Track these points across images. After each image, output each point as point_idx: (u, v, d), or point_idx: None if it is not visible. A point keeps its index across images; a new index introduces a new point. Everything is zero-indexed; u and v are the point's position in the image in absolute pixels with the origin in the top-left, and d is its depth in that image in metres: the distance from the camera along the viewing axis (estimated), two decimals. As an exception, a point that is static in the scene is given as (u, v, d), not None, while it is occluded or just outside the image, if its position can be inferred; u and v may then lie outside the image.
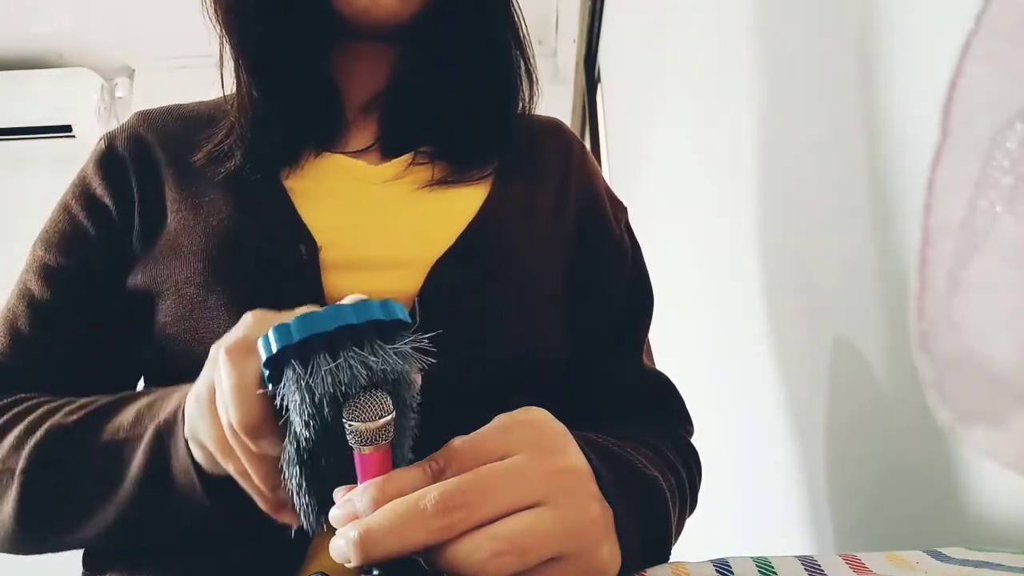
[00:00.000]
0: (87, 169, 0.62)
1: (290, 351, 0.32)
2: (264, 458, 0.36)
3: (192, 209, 0.56)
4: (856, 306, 0.58)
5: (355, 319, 0.32)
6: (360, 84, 0.65)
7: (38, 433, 0.48)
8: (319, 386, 0.32)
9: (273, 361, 0.33)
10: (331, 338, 0.32)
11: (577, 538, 0.35)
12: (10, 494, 0.47)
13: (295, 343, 0.32)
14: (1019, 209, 0.23)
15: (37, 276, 0.58)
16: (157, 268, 0.55)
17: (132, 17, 2.44)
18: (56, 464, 0.47)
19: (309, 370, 0.32)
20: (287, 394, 0.32)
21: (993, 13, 0.23)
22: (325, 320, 0.32)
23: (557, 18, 2.51)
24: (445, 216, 0.58)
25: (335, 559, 0.33)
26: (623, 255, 0.67)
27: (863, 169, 0.56)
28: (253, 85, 0.60)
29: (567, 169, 0.67)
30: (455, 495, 0.33)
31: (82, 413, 0.48)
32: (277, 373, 0.33)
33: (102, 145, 0.63)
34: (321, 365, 0.32)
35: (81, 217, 0.59)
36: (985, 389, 0.23)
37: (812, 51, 0.65)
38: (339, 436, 0.33)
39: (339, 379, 0.32)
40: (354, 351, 0.32)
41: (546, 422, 0.39)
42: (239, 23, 0.60)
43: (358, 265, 0.54)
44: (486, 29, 0.63)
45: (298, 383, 0.32)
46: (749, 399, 0.88)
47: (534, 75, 0.67)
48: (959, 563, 0.34)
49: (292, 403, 0.32)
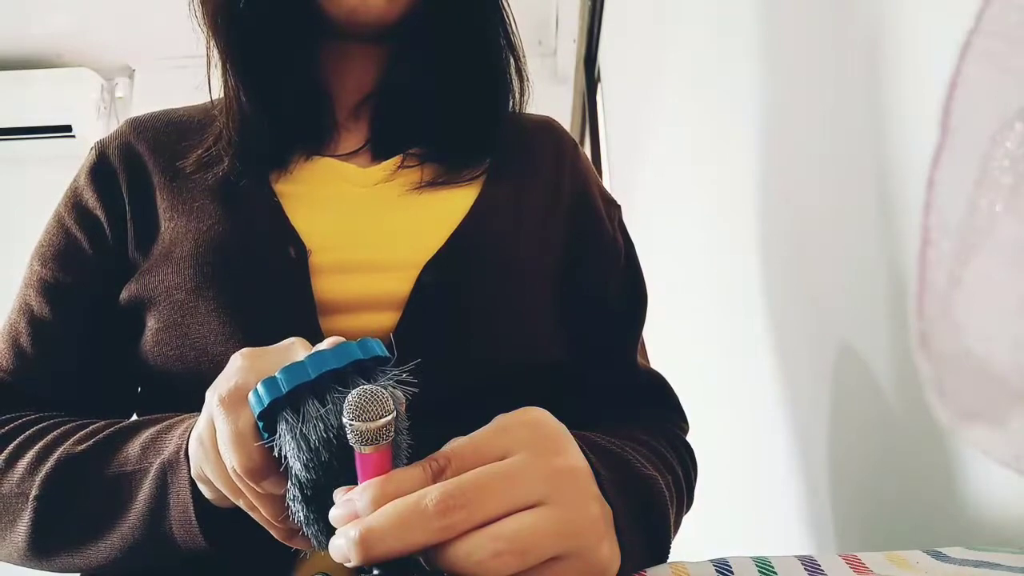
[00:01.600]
0: (79, 180, 0.62)
1: (280, 403, 0.34)
2: (271, 496, 0.38)
3: (183, 215, 0.56)
4: (856, 306, 0.58)
5: (336, 363, 0.35)
6: (350, 86, 0.65)
7: (50, 460, 0.49)
8: (312, 432, 0.34)
9: (265, 413, 0.35)
10: (316, 384, 0.34)
11: (577, 538, 0.35)
12: (24, 518, 0.48)
13: (284, 395, 0.34)
14: (1019, 209, 0.23)
15: (36, 292, 0.59)
16: (149, 276, 0.55)
17: (132, 17, 2.44)
18: (67, 493, 0.48)
19: (301, 418, 0.34)
20: (283, 444, 0.34)
21: (993, 13, 0.23)
22: (309, 368, 0.34)
23: (557, 18, 2.51)
24: (435, 218, 0.58)
25: (334, 559, 0.33)
26: (616, 253, 0.67)
27: (863, 168, 0.56)
28: (240, 89, 0.60)
29: (558, 168, 0.67)
30: (456, 495, 0.33)
31: (91, 442, 0.49)
32: (271, 422, 0.35)
33: (93, 155, 0.62)
34: (311, 412, 0.34)
35: (75, 230, 0.59)
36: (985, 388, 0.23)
37: (812, 51, 0.65)
38: (339, 470, 0.35)
39: (330, 423, 0.34)
40: (338, 391, 0.34)
41: (546, 422, 0.39)
42: (225, 26, 0.60)
43: (348, 268, 0.54)
44: (475, 28, 0.63)
45: (292, 432, 0.34)
46: (749, 399, 0.88)
47: (524, 73, 0.67)
48: (959, 563, 0.34)
49: (289, 451, 0.34)
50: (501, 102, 0.66)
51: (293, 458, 0.34)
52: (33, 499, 0.48)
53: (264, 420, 0.35)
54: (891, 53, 0.51)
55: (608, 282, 0.65)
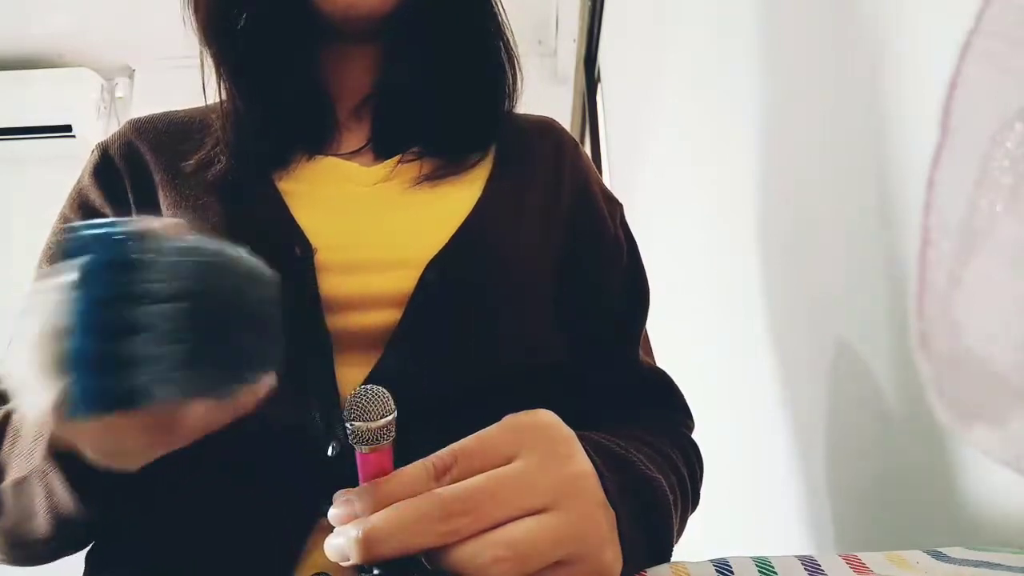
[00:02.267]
0: (83, 180, 0.62)
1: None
2: None
3: (186, 214, 0.57)
4: (856, 306, 0.58)
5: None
6: (349, 87, 0.65)
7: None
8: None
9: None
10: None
11: (581, 543, 0.35)
12: None
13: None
14: (1019, 209, 0.23)
15: None
16: None
17: (132, 17, 2.44)
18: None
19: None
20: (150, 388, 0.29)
21: (993, 13, 0.23)
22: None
23: (557, 18, 2.51)
24: (438, 216, 0.58)
25: (331, 557, 0.33)
26: (618, 252, 0.67)
27: (863, 168, 0.56)
28: (238, 94, 0.60)
29: (559, 167, 0.67)
30: (463, 500, 0.33)
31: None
32: None
33: (96, 155, 0.63)
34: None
35: None
36: (985, 388, 0.23)
37: (812, 51, 0.65)
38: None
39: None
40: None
41: (554, 425, 0.39)
42: (218, 37, 0.60)
43: (352, 266, 0.54)
44: (466, 20, 0.64)
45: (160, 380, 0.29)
46: (749, 399, 0.88)
47: (516, 62, 0.67)
48: (959, 563, 0.34)
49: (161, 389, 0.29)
50: (497, 93, 0.66)
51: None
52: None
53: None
54: (891, 53, 0.51)
55: (610, 280, 0.65)
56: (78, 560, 0.55)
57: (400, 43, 0.64)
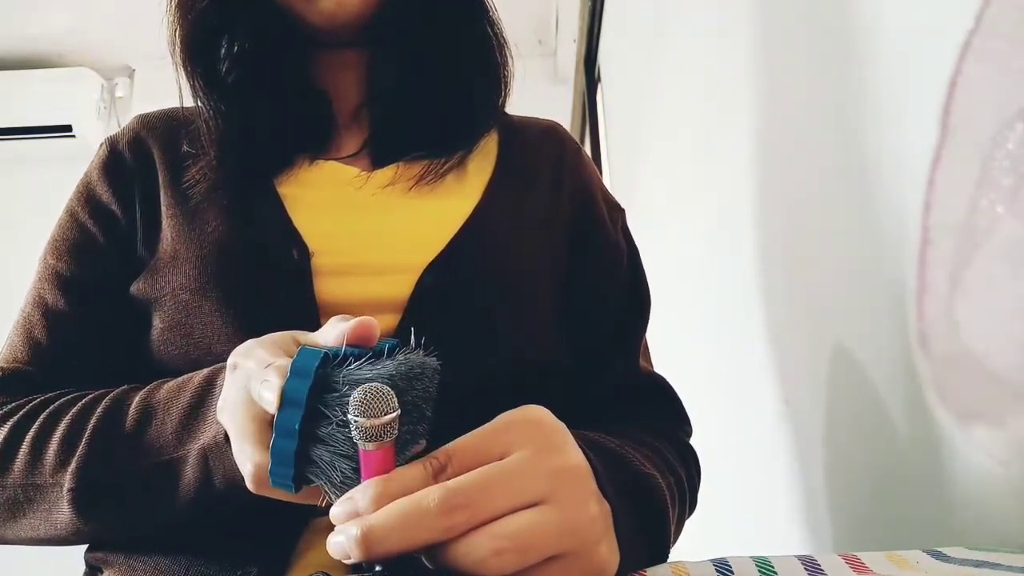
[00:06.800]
0: (91, 175, 0.62)
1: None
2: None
3: (186, 216, 0.57)
4: (856, 306, 0.58)
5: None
6: (346, 91, 0.66)
7: (80, 448, 0.49)
8: (331, 453, 0.34)
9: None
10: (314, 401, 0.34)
11: (577, 536, 0.35)
12: (62, 508, 0.49)
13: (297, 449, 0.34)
14: (1019, 209, 0.23)
15: (51, 285, 0.59)
16: (155, 277, 0.56)
17: (132, 17, 2.44)
18: (103, 485, 0.48)
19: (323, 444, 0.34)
20: (313, 479, 0.35)
21: (993, 13, 0.23)
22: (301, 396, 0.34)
23: (557, 18, 2.51)
24: (436, 221, 0.58)
25: (333, 555, 0.33)
26: (619, 257, 0.67)
27: (863, 169, 0.56)
28: (225, 113, 0.61)
29: (561, 172, 0.67)
30: (459, 495, 0.33)
31: (121, 430, 0.49)
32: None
33: (105, 150, 0.63)
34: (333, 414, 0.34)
35: (89, 224, 0.60)
36: (984, 388, 0.23)
37: (812, 51, 0.65)
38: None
39: (345, 446, 0.34)
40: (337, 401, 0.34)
41: (545, 420, 0.39)
42: (209, 68, 0.62)
43: (349, 271, 0.54)
44: (450, 16, 0.64)
45: (319, 476, 0.35)
46: (749, 399, 0.88)
47: (507, 52, 0.67)
48: (959, 563, 0.34)
49: (318, 481, 0.35)
50: (491, 84, 0.66)
51: (324, 483, 0.35)
52: (68, 491, 0.48)
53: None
54: (891, 53, 0.51)
55: (610, 286, 0.65)
56: (78, 560, 0.55)
57: (389, 45, 0.64)
